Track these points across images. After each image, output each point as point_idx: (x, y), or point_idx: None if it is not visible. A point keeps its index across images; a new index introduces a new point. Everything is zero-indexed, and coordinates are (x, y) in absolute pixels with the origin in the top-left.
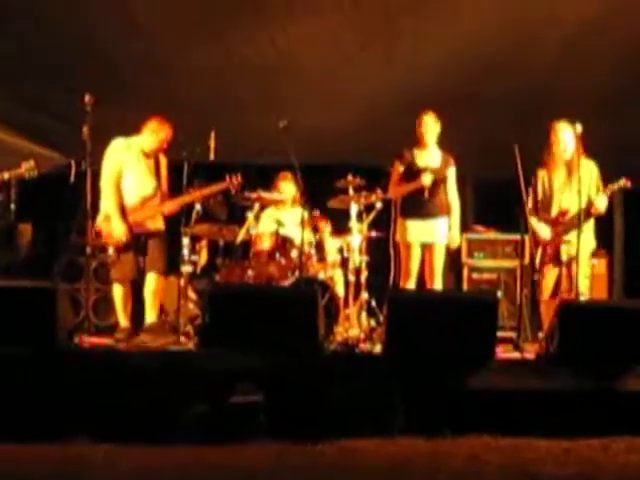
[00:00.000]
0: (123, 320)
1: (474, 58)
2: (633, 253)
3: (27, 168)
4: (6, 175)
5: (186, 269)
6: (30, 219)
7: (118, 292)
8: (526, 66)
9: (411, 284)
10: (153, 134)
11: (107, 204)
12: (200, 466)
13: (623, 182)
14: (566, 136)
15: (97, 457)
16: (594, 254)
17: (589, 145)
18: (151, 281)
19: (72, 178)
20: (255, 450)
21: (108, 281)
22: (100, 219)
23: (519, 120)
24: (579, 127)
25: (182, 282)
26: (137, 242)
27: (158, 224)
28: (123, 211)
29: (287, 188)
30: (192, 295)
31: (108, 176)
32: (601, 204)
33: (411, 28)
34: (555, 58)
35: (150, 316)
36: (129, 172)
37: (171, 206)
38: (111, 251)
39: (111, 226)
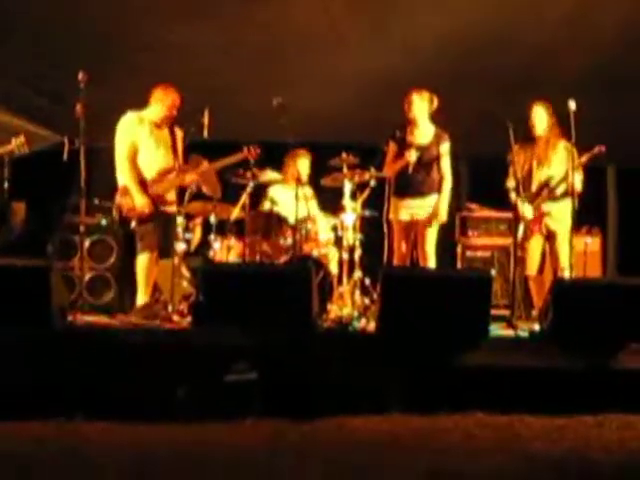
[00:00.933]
0: (143, 295)
1: (469, 35)
2: (626, 231)
3: (17, 144)
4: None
5: (180, 247)
6: (24, 198)
7: (143, 262)
8: (522, 43)
9: (402, 262)
10: (159, 103)
11: (124, 179)
12: (195, 444)
13: (597, 149)
14: (537, 115)
15: (92, 436)
16: (588, 232)
17: (582, 122)
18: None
19: (65, 156)
20: (250, 428)
21: (102, 259)
22: (118, 195)
23: (513, 97)
24: (573, 104)
25: (176, 260)
26: (158, 215)
27: (172, 197)
28: (143, 184)
29: (302, 165)
30: (186, 273)
31: (121, 151)
32: (576, 182)
33: (405, 7)
34: (551, 34)
35: (141, 297)
36: (143, 146)
37: (192, 176)
38: (134, 224)
39: (131, 200)
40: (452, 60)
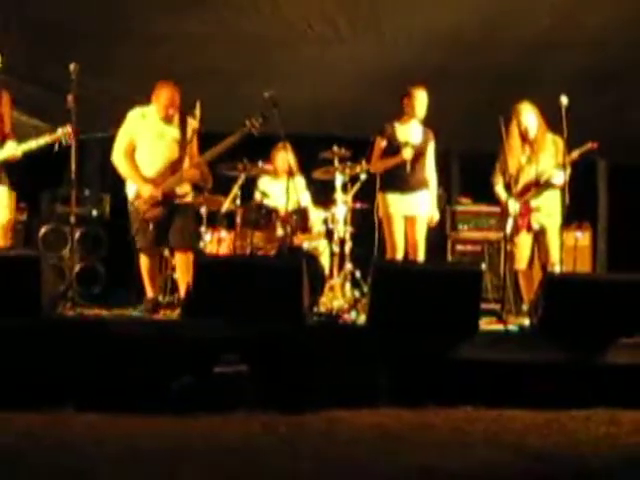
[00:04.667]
0: (149, 290)
1: (461, 31)
2: (617, 226)
3: (63, 133)
4: (46, 138)
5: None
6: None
7: (142, 262)
8: (514, 38)
9: (398, 257)
10: (157, 100)
11: (122, 171)
12: (185, 436)
13: (590, 145)
14: (529, 117)
15: (82, 427)
16: (578, 227)
17: (573, 117)
18: (178, 260)
19: (56, 147)
20: (240, 420)
21: (92, 251)
22: (132, 199)
23: (504, 93)
24: (565, 99)
25: (167, 252)
26: (174, 208)
27: (186, 189)
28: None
29: (282, 159)
30: None
31: (117, 145)
32: (557, 178)
33: (398, 2)
34: (542, 30)
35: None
36: (144, 141)
37: (207, 158)
38: (151, 227)
39: (141, 197)
40: (444, 55)
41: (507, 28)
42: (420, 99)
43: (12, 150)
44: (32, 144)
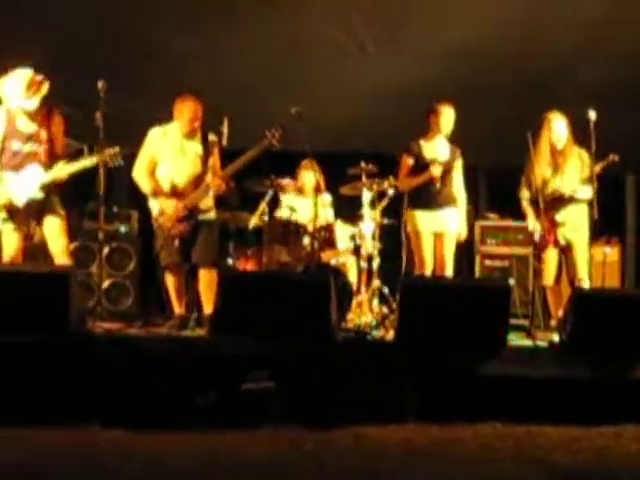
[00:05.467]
0: (176, 307)
1: (486, 47)
2: None
3: (110, 154)
4: (94, 159)
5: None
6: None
7: (168, 279)
8: (540, 54)
9: (427, 273)
10: (180, 116)
11: (143, 189)
12: (212, 453)
13: (611, 158)
14: (559, 126)
15: (109, 443)
16: (607, 242)
17: (600, 132)
18: (202, 276)
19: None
20: (268, 437)
21: (121, 267)
22: (156, 216)
23: (531, 108)
24: (593, 114)
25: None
26: (197, 223)
27: (209, 203)
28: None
29: (308, 176)
30: None
31: (137, 164)
32: (582, 193)
33: (425, 16)
34: (569, 46)
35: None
36: (166, 158)
37: (229, 172)
38: (177, 243)
39: (164, 213)
40: (470, 70)
41: (535, 42)
42: (446, 115)
43: (57, 171)
44: (78, 165)
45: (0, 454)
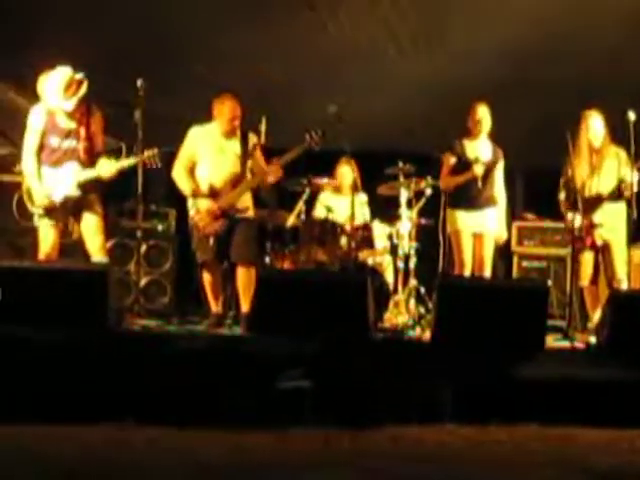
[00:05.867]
0: (213, 305)
1: (526, 45)
2: None
3: (148, 155)
4: (133, 160)
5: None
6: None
7: (205, 277)
8: (583, 51)
9: (466, 273)
10: (219, 116)
11: (181, 188)
12: (246, 451)
13: None
14: (596, 124)
15: (140, 441)
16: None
17: None
18: (240, 274)
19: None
20: (302, 436)
21: (158, 264)
22: (192, 214)
23: (569, 108)
24: (632, 115)
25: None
26: (235, 222)
27: (247, 203)
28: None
29: (345, 173)
30: None
31: (176, 163)
32: (634, 181)
33: (463, 14)
34: (613, 43)
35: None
36: (206, 158)
37: (273, 173)
38: (212, 241)
39: (200, 211)
40: (508, 70)
41: (573, 41)
42: (482, 114)
43: (100, 169)
44: (118, 165)
45: (36, 451)
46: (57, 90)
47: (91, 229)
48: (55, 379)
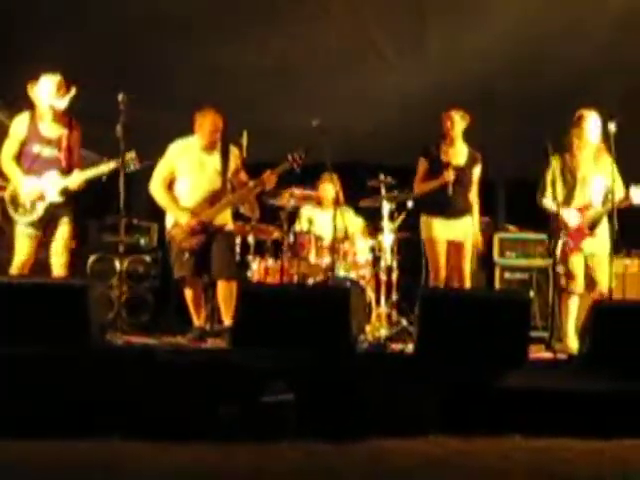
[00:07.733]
0: (195, 319)
1: (505, 58)
2: None
3: (128, 159)
4: (112, 165)
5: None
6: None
7: (185, 291)
8: (563, 63)
9: (440, 281)
10: (200, 129)
11: (158, 201)
12: (231, 465)
13: None
14: (594, 124)
15: (127, 455)
16: (627, 254)
17: (623, 143)
18: (220, 288)
19: (104, 177)
20: (285, 449)
21: (140, 279)
22: (169, 228)
23: (551, 118)
24: (613, 126)
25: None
26: (204, 239)
27: (225, 218)
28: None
29: (327, 189)
30: None
31: (154, 176)
32: (635, 195)
33: (443, 27)
34: (593, 55)
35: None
36: (186, 172)
37: (269, 182)
38: (187, 256)
39: (178, 226)
40: (489, 82)
41: (556, 52)
42: (453, 120)
43: (75, 177)
44: (96, 171)
45: (21, 467)
46: (50, 90)
47: (59, 247)
48: (38, 395)
